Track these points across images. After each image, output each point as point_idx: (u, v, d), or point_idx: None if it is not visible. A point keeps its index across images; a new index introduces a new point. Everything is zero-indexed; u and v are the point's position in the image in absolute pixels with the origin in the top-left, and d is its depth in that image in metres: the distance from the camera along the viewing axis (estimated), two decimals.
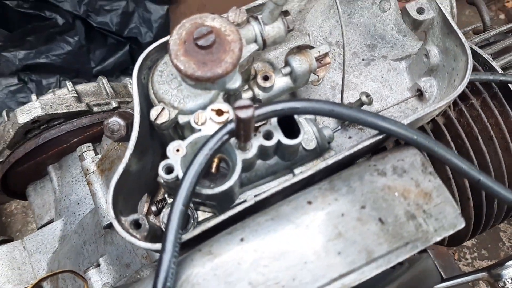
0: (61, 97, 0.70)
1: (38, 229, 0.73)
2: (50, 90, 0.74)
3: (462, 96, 0.52)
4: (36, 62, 1.23)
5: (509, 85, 0.51)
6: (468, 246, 1.38)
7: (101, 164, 0.52)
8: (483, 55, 0.53)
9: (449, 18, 0.42)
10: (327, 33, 0.52)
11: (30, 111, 0.62)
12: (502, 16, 1.83)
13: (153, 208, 0.44)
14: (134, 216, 0.37)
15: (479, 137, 0.50)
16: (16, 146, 0.65)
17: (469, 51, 0.41)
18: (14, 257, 0.69)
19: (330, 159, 0.37)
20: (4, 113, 0.64)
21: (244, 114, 0.30)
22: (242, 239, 0.32)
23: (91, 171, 0.53)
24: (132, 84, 0.38)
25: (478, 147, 0.51)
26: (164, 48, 0.39)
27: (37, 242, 0.70)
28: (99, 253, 0.57)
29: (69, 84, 0.74)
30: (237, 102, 0.30)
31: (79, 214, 0.68)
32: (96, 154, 0.55)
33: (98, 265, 0.55)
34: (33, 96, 0.64)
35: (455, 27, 0.42)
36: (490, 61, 0.53)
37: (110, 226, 0.53)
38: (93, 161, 0.54)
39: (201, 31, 0.35)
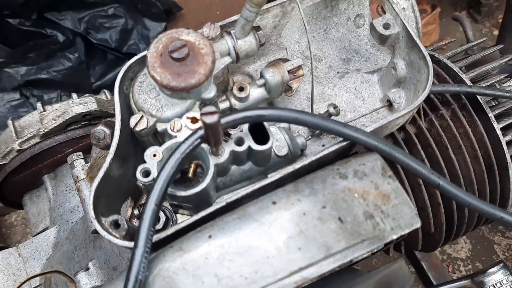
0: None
1: (33, 236, 0.76)
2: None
3: (433, 107, 0.55)
4: (38, 77, 1.27)
5: (478, 96, 0.54)
6: (462, 258, 1.39)
7: (90, 171, 0.55)
8: (454, 68, 0.56)
9: (412, 33, 0.45)
10: (304, 47, 0.55)
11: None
12: (495, 32, 1.86)
13: (136, 212, 0.47)
14: (114, 217, 0.40)
15: (449, 146, 0.53)
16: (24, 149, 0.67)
17: (430, 64, 0.44)
18: (9, 263, 0.72)
19: (297, 164, 0.40)
20: (9, 121, 0.67)
21: (209, 119, 0.33)
22: (210, 236, 0.34)
23: (80, 179, 0.56)
24: (114, 93, 0.41)
25: (448, 155, 0.53)
26: (143, 61, 0.42)
27: (31, 249, 0.72)
28: (88, 258, 0.59)
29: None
30: (203, 109, 0.33)
31: (72, 222, 0.71)
32: (86, 162, 0.57)
33: (87, 268, 0.58)
34: (39, 104, 0.67)
35: (418, 42, 0.45)
36: (460, 74, 0.55)
37: (97, 231, 0.55)
38: (83, 169, 0.56)
39: (175, 45, 0.38)
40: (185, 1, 1.55)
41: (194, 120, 0.39)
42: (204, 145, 0.39)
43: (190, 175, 0.42)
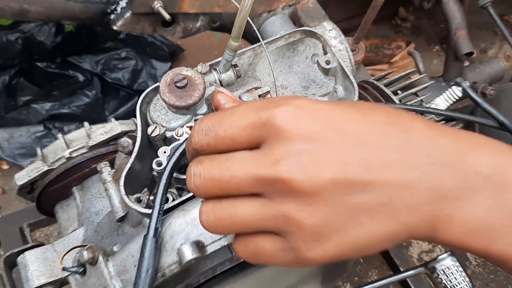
0: None
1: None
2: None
3: None
4: (60, 112, 1.47)
5: None
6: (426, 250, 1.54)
7: (115, 175, 0.73)
8: (386, 91, 0.74)
9: (345, 67, 0.64)
10: (274, 78, 0.74)
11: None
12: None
13: (151, 198, 0.65)
14: (136, 195, 0.58)
15: None
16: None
17: (356, 88, 0.62)
18: (47, 257, 0.88)
19: None
20: (60, 135, 0.84)
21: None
22: (202, 201, 0.52)
23: (108, 181, 0.73)
24: (136, 112, 0.60)
25: None
26: (157, 90, 0.61)
27: (64, 245, 0.89)
28: (113, 243, 0.76)
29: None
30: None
31: (97, 222, 0.88)
32: (112, 169, 0.75)
33: (113, 252, 0.75)
34: (86, 123, 0.84)
35: (349, 73, 0.64)
36: (391, 95, 0.74)
37: (121, 219, 0.72)
38: (109, 174, 0.74)
39: (178, 78, 0.57)
40: (187, 43, 1.77)
41: (191, 128, 0.58)
42: None
43: None
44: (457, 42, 0.90)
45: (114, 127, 0.80)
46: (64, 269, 0.61)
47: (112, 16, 1.00)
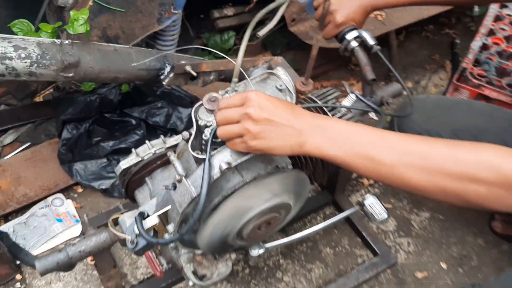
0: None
1: None
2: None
3: None
4: (119, 147, 2.13)
5: (324, 108, 1.38)
6: (391, 230, 2.13)
7: (178, 155, 1.38)
8: (318, 102, 1.41)
9: (290, 88, 1.31)
10: None
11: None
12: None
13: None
14: (196, 151, 1.24)
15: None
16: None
17: (294, 98, 1.29)
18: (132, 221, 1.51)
19: None
20: (133, 150, 1.51)
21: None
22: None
23: (173, 158, 1.38)
24: (192, 116, 1.26)
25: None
26: (201, 105, 1.28)
27: (144, 209, 1.53)
28: None
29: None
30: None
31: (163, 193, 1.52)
32: (175, 153, 1.40)
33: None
34: (162, 136, 1.51)
35: (291, 90, 1.31)
36: (317, 100, 1.40)
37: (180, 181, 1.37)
38: (174, 155, 1.39)
39: (211, 97, 1.24)
40: (200, 95, 2.48)
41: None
42: None
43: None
44: (365, 73, 1.57)
45: (177, 138, 1.48)
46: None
47: (162, 77, 1.70)
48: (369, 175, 0.95)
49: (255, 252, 1.48)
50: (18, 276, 1.85)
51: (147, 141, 1.44)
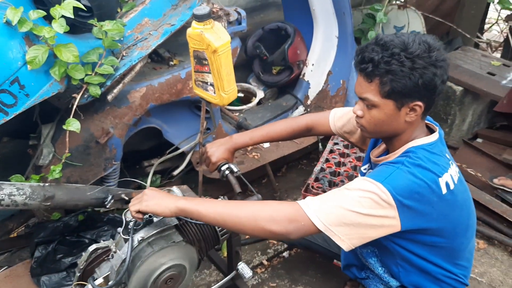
0: None
1: None
2: None
3: None
4: (76, 261, 2.95)
5: None
6: None
7: (116, 244, 2.27)
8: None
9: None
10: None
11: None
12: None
13: None
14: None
15: None
16: None
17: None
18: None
19: None
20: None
21: None
22: None
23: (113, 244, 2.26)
24: (122, 217, 2.21)
25: None
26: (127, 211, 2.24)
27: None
28: None
29: None
30: None
31: None
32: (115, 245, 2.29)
33: None
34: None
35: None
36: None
37: None
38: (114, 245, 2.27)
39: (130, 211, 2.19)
40: None
41: None
42: None
43: None
44: (235, 189, 2.59)
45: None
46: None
47: (106, 202, 2.66)
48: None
49: None
50: None
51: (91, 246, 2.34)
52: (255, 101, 3.80)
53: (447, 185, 1.55)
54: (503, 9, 4.30)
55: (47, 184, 2.40)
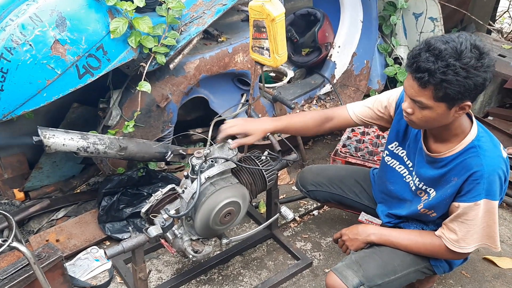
0: None
1: None
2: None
3: None
4: (135, 211, 3.38)
5: None
6: None
7: (180, 186, 2.69)
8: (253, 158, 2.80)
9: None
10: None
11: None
12: None
13: None
14: None
15: None
16: None
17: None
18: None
19: None
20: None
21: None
22: None
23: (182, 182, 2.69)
24: (188, 161, 2.64)
25: None
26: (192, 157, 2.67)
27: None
28: None
29: None
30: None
31: None
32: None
33: None
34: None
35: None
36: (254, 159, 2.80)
37: None
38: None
39: (197, 151, 2.62)
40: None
41: None
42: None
43: None
44: (275, 147, 3.02)
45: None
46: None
47: (166, 156, 3.09)
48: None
49: (224, 241, 2.72)
50: None
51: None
52: (286, 79, 4.21)
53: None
54: None
55: (121, 138, 2.84)
